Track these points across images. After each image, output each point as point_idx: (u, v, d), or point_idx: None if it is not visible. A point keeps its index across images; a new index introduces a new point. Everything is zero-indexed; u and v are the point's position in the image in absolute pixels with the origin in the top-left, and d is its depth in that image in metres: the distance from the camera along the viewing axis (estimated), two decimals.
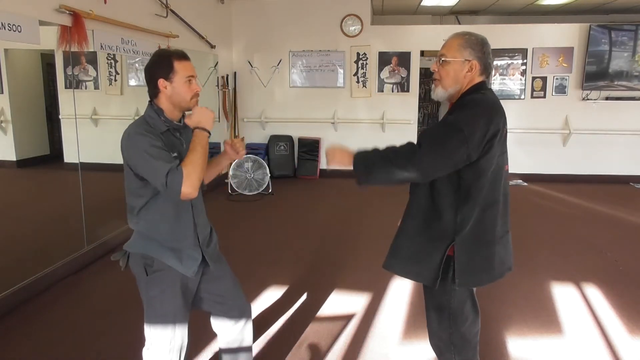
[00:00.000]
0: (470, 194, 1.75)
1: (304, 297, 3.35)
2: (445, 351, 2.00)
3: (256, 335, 2.82)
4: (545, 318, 3.05)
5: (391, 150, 1.74)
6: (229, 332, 2.05)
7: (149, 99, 1.85)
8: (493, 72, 1.70)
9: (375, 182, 1.79)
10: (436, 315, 1.96)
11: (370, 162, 1.77)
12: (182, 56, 1.81)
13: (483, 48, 1.82)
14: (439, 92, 1.87)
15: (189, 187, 1.65)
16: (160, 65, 1.78)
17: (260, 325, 2.93)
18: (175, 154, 1.76)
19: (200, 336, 2.68)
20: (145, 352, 1.96)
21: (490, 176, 1.76)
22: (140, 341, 2.78)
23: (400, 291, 3.44)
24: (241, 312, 2.05)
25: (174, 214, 1.82)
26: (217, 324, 2.06)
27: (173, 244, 1.83)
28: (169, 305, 1.86)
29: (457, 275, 1.80)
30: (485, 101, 1.75)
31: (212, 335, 2.22)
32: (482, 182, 1.75)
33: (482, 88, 1.81)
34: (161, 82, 1.77)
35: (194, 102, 1.83)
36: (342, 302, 3.27)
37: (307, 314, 3.10)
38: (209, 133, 1.78)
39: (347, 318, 3.05)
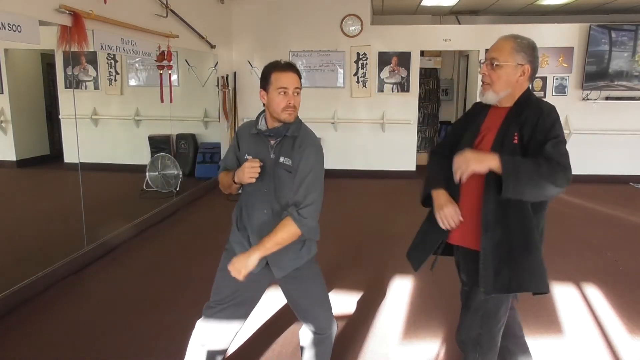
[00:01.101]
0: (545, 201, 1.82)
1: None
2: (471, 350, 2.02)
3: (256, 335, 2.83)
4: (545, 318, 3.05)
5: (544, 168, 1.66)
6: (302, 338, 2.15)
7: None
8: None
9: (522, 196, 1.69)
10: (471, 314, 1.97)
11: (521, 176, 1.65)
12: (283, 68, 1.87)
13: (534, 52, 1.82)
14: (489, 96, 1.85)
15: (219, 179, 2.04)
16: (263, 76, 1.91)
17: (259, 325, 2.94)
18: (249, 157, 1.92)
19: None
20: (199, 321, 2.06)
21: None
22: (140, 341, 2.78)
23: (400, 291, 3.44)
24: (313, 326, 2.10)
25: (239, 206, 2.05)
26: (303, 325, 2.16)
27: (242, 242, 2.01)
28: (224, 279, 1.95)
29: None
30: (550, 107, 1.81)
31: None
32: None
33: (530, 93, 1.86)
34: (261, 93, 1.92)
35: (285, 114, 1.86)
36: (342, 302, 3.27)
37: None
38: (234, 182, 1.94)
39: (347, 318, 3.06)
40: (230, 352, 2.65)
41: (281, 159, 1.89)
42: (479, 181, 1.80)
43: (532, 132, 1.75)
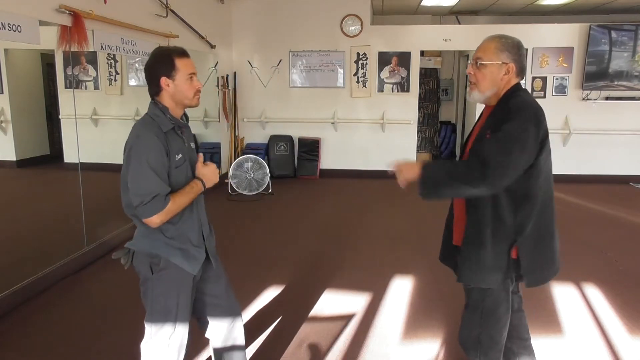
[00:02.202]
0: (528, 195, 1.80)
1: (303, 297, 3.35)
2: (471, 349, 2.03)
3: (256, 334, 2.83)
4: (545, 318, 3.06)
5: (459, 168, 1.79)
6: (222, 333, 2.05)
7: (150, 98, 1.84)
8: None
9: (441, 197, 1.84)
10: (469, 313, 2.02)
11: (438, 179, 1.79)
12: (183, 53, 1.81)
13: (519, 51, 1.84)
14: (475, 95, 1.88)
15: (158, 219, 1.71)
16: (162, 64, 1.78)
17: (260, 325, 2.93)
18: (179, 156, 1.80)
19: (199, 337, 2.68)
20: (144, 345, 1.96)
21: (546, 175, 1.83)
22: (139, 341, 2.78)
23: (400, 291, 3.44)
24: (234, 313, 2.07)
25: (179, 212, 1.82)
26: (211, 326, 2.05)
27: (179, 243, 1.84)
28: (172, 303, 1.86)
29: (525, 275, 1.87)
30: (529, 105, 1.79)
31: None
32: (540, 182, 1.81)
33: (518, 90, 1.85)
34: (163, 80, 1.77)
35: (196, 99, 1.85)
36: (342, 302, 3.27)
37: (307, 314, 3.10)
38: (204, 188, 1.87)
39: (347, 318, 3.05)
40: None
41: (191, 145, 1.94)
42: None
43: (497, 125, 1.81)
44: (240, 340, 2.11)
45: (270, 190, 6.43)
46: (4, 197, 4.69)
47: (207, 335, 2.09)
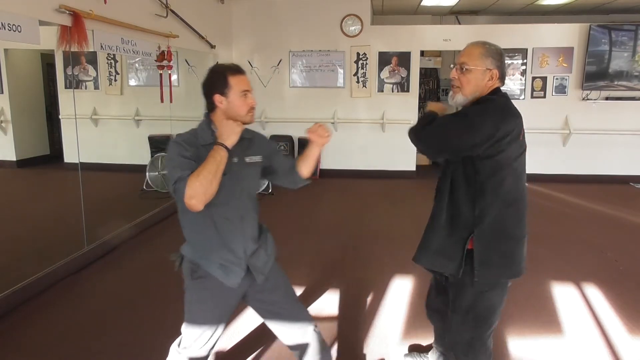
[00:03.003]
0: (485, 188, 1.82)
1: (303, 296, 3.35)
2: (462, 354, 2.00)
3: (256, 335, 2.83)
4: (545, 318, 3.06)
5: (423, 121, 1.93)
6: (293, 339, 2.02)
7: (205, 110, 1.89)
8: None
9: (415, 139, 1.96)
10: (460, 316, 1.96)
11: (421, 123, 1.94)
12: (237, 70, 1.83)
13: (502, 57, 1.89)
14: (459, 99, 1.90)
15: (189, 198, 1.64)
16: (216, 81, 1.81)
17: (259, 325, 2.93)
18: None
19: None
20: (174, 347, 1.99)
21: (513, 174, 1.86)
22: (140, 341, 2.78)
23: (400, 291, 3.44)
24: (299, 319, 2.01)
25: (211, 224, 1.81)
26: (280, 334, 2.03)
27: (217, 257, 1.83)
28: (207, 312, 1.88)
29: (476, 268, 1.84)
30: (496, 102, 1.83)
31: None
32: (500, 177, 1.83)
33: (496, 93, 1.88)
34: (217, 98, 1.81)
35: (249, 116, 1.85)
36: (342, 302, 3.27)
37: None
38: (227, 149, 1.73)
39: (347, 318, 3.05)
40: (229, 348, 2.66)
41: (247, 159, 1.89)
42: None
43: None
44: (315, 345, 2.02)
45: (270, 191, 6.43)
46: (4, 197, 4.69)
47: (283, 342, 2.05)
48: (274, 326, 2.02)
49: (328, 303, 3.27)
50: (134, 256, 4.19)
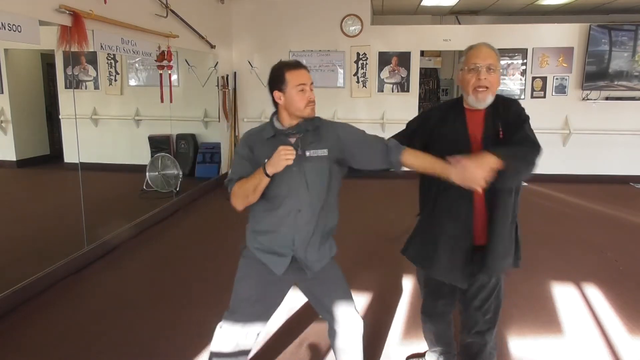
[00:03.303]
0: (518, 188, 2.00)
1: (303, 297, 3.34)
2: (488, 332, 2.12)
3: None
4: (545, 318, 3.05)
5: (528, 151, 1.84)
6: (334, 337, 2.04)
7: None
8: None
9: (518, 180, 1.92)
10: (491, 298, 2.06)
11: (519, 167, 1.80)
12: (294, 66, 1.88)
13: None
14: (489, 99, 1.94)
15: (232, 199, 1.91)
16: (275, 78, 1.87)
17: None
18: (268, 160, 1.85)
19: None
20: (219, 325, 2.00)
21: None
22: (140, 341, 2.78)
23: (401, 291, 3.44)
24: (342, 322, 2.00)
25: (266, 211, 1.92)
26: (327, 325, 2.08)
27: (264, 240, 1.93)
28: (247, 291, 1.94)
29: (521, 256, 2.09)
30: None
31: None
32: None
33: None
34: (276, 94, 1.87)
35: (308, 109, 1.90)
36: None
37: (307, 314, 3.10)
38: (268, 176, 1.81)
39: None
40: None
41: (308, 153, 1.89)
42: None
43: (510, 122, 1.92)
44: (351, 343, 2.03)
45: None
46: (4, 197, 4.69)
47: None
48: (323, 316, 2.10)
49: None
50: (134, 256, 4.19)
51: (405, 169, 2.01)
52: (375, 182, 7.16)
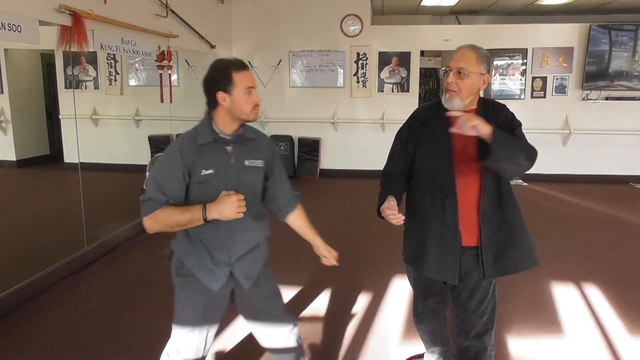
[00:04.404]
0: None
1: (303, 297, 3.35)
2: (484, 335, 2.10)
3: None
4: (545, 318, 3.06)
5: (522, 142, 1.86)
6: (269, 341, 2.00)
7: (206, 108, 1.81)
8: None
9: (504, 163, 1.80)
10: (483, 302, 2.05)
11: (511, 144, 1.78)
12: (241, 66, 1.73)
13: (491, 64, 1.98)
14: (456, 103, 1.90)
15: (147, 223, 1.76)
16: (219, 78, 1.71)
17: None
18: (209, 171, 1.73)
19: None
20: (163, 355, 1.95)
21: None
22: (140, 341, 2.78)
23: (400, 291, 3.44)
24: (280, 324, 1.98)
25: (205, 228, 1.77)
26: (258, 336, 2.01)
27: (201, 258, 1.81)
28: (190, 311, 1.85)
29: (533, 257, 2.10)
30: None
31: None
32: None
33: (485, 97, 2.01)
34: (220, 95, 1.71)
35: (254, 113, 1.76)
36: (342, 302, 3.27)
37: (307, 314, 3.10)
38: (205, 220, 1.70)
39: (347, 318, 3.05)
40: (229, 348, 2.66)
41: (247, 162, 1.80)
42: (472, 179, 1.92)
43: (499, 126, 1.84)
44: (293, 355, 2.02)
45: None
46: (4, 197, 4.69)
47: (262, 345, 2.04)
48: (256, 330, 1.99)
49: (327, 303, 3.27)
50: (134, 256, 4.19)
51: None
52: (375, 182, 7.16)
